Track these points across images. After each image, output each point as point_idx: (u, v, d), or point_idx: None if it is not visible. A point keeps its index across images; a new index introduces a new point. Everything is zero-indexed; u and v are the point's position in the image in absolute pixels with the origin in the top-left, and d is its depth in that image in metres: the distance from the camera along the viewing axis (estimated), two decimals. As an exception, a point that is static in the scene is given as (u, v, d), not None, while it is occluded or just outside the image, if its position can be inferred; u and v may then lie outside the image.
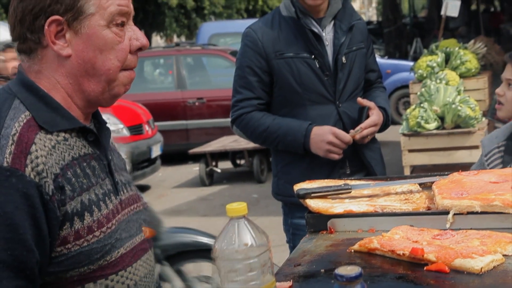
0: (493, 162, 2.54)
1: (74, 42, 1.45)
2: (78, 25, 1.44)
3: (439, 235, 1.54)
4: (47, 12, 1.43)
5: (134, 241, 1.56)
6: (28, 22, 1.44)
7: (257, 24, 2.85)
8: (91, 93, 1.49)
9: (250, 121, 2.80)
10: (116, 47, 1.47)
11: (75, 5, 1.43)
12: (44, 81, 1.48)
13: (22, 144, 1.36)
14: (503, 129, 2.63)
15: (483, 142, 2.64)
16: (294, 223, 2.77)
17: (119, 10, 1.47)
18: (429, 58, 5.65)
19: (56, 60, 1.46)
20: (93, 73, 1.47)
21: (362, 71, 2.92)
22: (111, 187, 1.53)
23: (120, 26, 1.48)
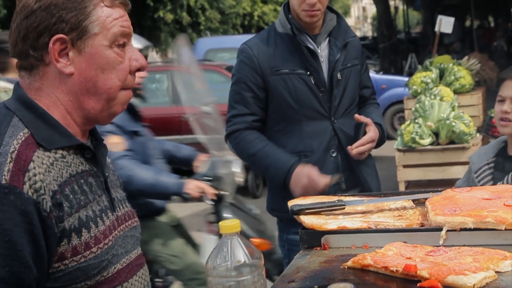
0: (483, 179, 2.56)
1: (77, 61, 1.47)
2: (82, 44, 1.47)
3: (432, 251, 1.54)
4: (52, 30, 1.45)
5: (130, 257, 1.58)
6: (31, 39, 1.45)
7: (253, 41, 2.88)
8: (90, 111, 1.51)
9: (241, 141, 2.82)
10: (117, 67, 1.50)
11: (80, 25, 1.46)
12: (44, 98, 1.49)
13: (21, 161, 1.38)
14: (491, 146, 2.65)
15: (472, 159, 2.66)
16: (290, 238, 2.78)
17: (121, 31, 1.50)
18: (423, 74, 5.68)
19: (58, 77, 1.48)
20: (94, 91, 1.49)
21: (357, 88, 2.94)
22: (107, 203, 1.55)
23: (122, 47, 1.51)
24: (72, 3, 1.45)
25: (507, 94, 2.52)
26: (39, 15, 1.44)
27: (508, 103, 2.51)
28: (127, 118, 3.49)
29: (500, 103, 2.54)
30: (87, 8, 1.46)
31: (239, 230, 1.17)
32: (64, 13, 1.44)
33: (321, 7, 2.75)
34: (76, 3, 1.45)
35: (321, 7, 2.76)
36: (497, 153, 2.59)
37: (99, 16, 1.47)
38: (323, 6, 2.77)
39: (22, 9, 1.47)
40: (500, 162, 2.57)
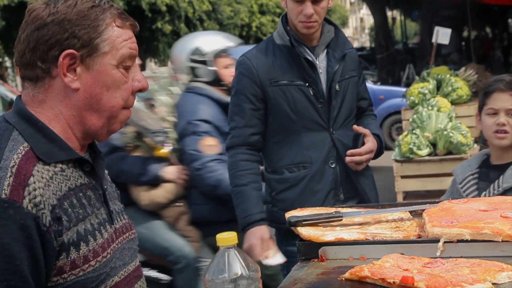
0: (468, 189, 2.58)
1: (84, 77, 1.49)
2: (91, 61, 1.48)
3: (429, 263, 1.55)
4: (63, 44, 1.46)
5: (128, 269, 1.59)
6: (41, 51, 1.46)
7: (252, 52, 2.89)
8: (91, 127, 1.52)
9: (233, 164, 2.86)
10: (122, 86, 1.52)
11: (91, 42, 1.48)
12: (46, 111, 1.50)
13: (20, 176, 1.38)
14: (474, 158, 2.68)
15: (455, 171, 2.68)
16: (288, 250, 2.78)
17: (129, 53, 1.52)
18: (420, 85, 5.70)
19: (63, 91, 1.49)
20: (97, 108, 1.51)
21: (355, 99, 2.95)
22: (106, 216, 1.56)
23: (128, 68, 1.54)
24: (85, 20, 1.47)
25: (500, 106, 2.52)
26: (51, 28, 1.46)
27: (503, 115, 2.52)
28: (224, 119, 3.47)
29: (492, 115, 2.54)
30: (100, 26, 1.49)
31: (236, 242, 1.18)
32: (77, 29, 1.46)
33: (318, 18, 2.77)
34: (90, 21, 1.48)
35: (318, 19, 2.77)
36: (481, 164, 2.62)
37: (110, 36, 1.50)
38: (320, 17, 2.78)
39: (34, 20, 1.48)
40: (484, 172, 2.59)
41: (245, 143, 2.85)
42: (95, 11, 1.49)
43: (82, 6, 1.48)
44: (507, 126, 2.51)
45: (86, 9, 1.48)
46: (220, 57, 3.64)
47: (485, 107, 2.57)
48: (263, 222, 2.78)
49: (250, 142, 2.86)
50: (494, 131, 2.53)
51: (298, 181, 2.82)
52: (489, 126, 2.55)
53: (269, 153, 2.91)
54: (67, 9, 1.47)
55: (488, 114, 2.56)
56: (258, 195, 2.83)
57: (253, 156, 2.88)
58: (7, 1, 16.05)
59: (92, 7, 1.49)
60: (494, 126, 2.53)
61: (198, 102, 3.56)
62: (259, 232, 2.75)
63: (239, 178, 2.83)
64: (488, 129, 2.56)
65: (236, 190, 2.84)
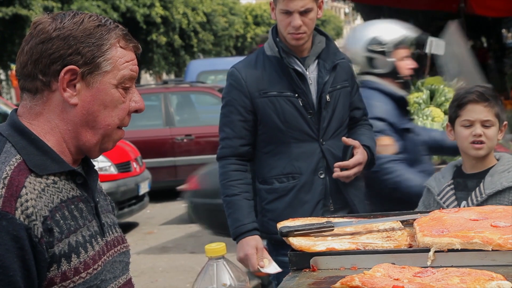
0: (448, 200, 2.61)
1: (83, 93, 1.50)
2: (92, 79, 1.50)
3: (419, 272, 1.55)
4: (66, 60, 1.48)
5: (118, 282, 1.59)
6: (43, 64, 1.48)
7: (241, 64, 2.90)
8: (85, 143, 1.54)
9: (224, 174, 2.86)
10: (119, 106, 1.54)
11: (94, 61, 1.50)
12: (42, 123, 1.51)
13: (13, 187, 1.39)
14: (445, 170, 2.71)
15: (430, 184, 2.70)
16: (279, 260, 2.77)
17: (130, 75, 1.55)
18: (415, 95, 5.70)
19: (61, 105, 1.51)
20: (93, 125, 1.52)
21: (346, 109, 2.95)
22: (97, 228, 1.57)
23: (126, 89, 1.56)
24: (90, 38, 1.49)
25: (475, 117, 2.55)
26: (56, 43, 1.47)
27: (479, 126, 2.55)
28: (398, 114, 3.33)
29: (468, 128, 2.56)
30: (104, 46, 1.51)
31: (225, 253, 1.18)
32: (81, 46, 1.48)
33: (306, 29, 2.78)
34: (95, 39, 1.50)
35: (307, 30, 2.78)
36: (454, 175, 2.66)
37: (113, 56, 1.51)
38: (309, 28, 2.79)
39: (39, 33, 1.49)
40: (461, 182, 2.62)
41: (235, 153, 2.86)
42: (101, 30, 1.51)
43: (88, 24, 1.51)
44: (483, 136, 2.54)
45: (92, 28, 1.50)
46: (399, 48, 3.41)
47: (459, 118, 2.59)
48: (256, 232, 2.79)
49: (240, 152, 2.86)
50: (471, 142, 2.56)
51: (287, 191, 2.83)
52: (465, 137, 2.57)
53: (259, 164, 2.91)
54: (73, 25, 1.49)
55: (463, 126, 2.58)
56: (250, 204, 2.83)
57: (244, 166, 2.88)
58: (1, 14, 16.06)
59: (98, 26, 1.51)
60: (471, 137, 2.55)
61: (370, 98, 3.29)
62: (254, 242, 2.75)
63: (231, 188, 2.83)
64: (464, 140, 2.58)
65: (228, 200, 2.84)
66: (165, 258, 7.16)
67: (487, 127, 2.55)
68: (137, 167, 8.73)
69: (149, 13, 21.48)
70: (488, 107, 2.54)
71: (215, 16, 25.46)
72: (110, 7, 20.31)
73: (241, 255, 2.76)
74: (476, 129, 2.54)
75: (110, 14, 20.16)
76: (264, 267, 2.72)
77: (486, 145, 2.55)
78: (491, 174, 2.55)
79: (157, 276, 6.48)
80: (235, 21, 28.33)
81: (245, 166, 2.89)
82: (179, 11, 22.92)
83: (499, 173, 2.54)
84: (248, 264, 2.75)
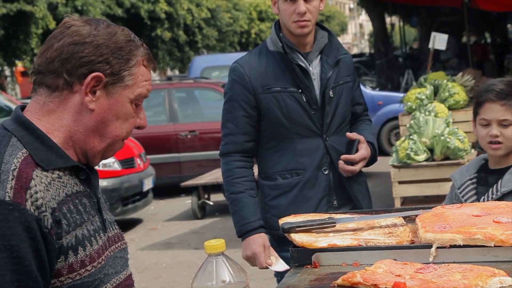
0: (467, 194, 2.57)
1: (101, 101, 1.56)
2: (113, 89, 1.56)
3: (421, 268, 1.54)
4: (94, 66, 1.53)
5: (119, 277, 1.63)
6: (71, 65, 1.52)
7: (244, 59, 2.89)
8: (91, 148, 1.59)
9: (228, 171, 2.86)
10: (129, 119, 1.61)
11: (119, 73, 1.56)
12: (53, 120, 1.55)
13: (22, 179, 1.43)
14: (472, 163, 2.67)
15: (454, 177, 2.67)
16: (282, 256, 2.77)
17: (145, 94, 1.62)
18: (418, 91, 5.70)
19: (78, 107, 1.55)
20: (102, 133, 1.58)
21: (349, 105, 2.95)
22: (100, 224, 1.60)
23: (138, 105, 1.63)
24: (121, 51, 1.56)
25: (492, 117, 2.50)
26: (88, 48, 1.53)
27: (495, 126, 2.50)
28: None
29: (485, 127, 2.52)
30: (131, 61, 1.57)
31: (224, 250, 1.18)
32: (112, 57, 1.54)
33: (311, 17, 2.76)
34: (124, 53, 1.56)
35: (311, 18, 2.77)
36: (479, 169, 2.61)
37: (136, 72, 1.59)
38: (313, 17, 2.78)
39: (72, 33, 1.54)
40: (483, 177, 2.58)
41: (239, 150, 2.85)
42: (130, 45, 1.58)
43: (121, 37, 1.57)
44: (500, 137, 2.49)
45: (123, 41, 1.57)
46: None
47: (478, 117, 2.56)
48: (262, 230, 2.78)
49: (244, 149, 2.86)
50: (488, 142, 2.52)
51: (291, 187, 2.82)
52: (483, 137, 2.53)
53: (262, 160, 2.91)
54: (107, 35, 1.55)
55: (481, 125, 2.54)
56: (255, 202, 2.82)
57: (248, 163, 2.87)
58: (6, 10, 16.07)
59: (128, 41, 1.58)
60: (488, 137, 2.51)
61: None
62: (261, 240, 2.75)
63: (236, 186, 2.83)
64: (482, 139, 2.55)
65: (233, 198, 2.83)
66: (169, 254, 7.17)
67: (505, 126, 2.49)
68: (141, 163, 8.74)
69: (154, 9, 21.47)
70: (506, 106, 2.47)
71: (219, 12, 25.42)
72: (114, 3, 20.30)
73: (248, 253, 2.76)
74: (493, 129, 2.49)
75: (115, 10, 20.16)
76: (272, 265, 2.72)
77: (504, 145, 2.50)
78: (511, 171, 2.49)
79: (161, 272, 6.49)
80: (240, 17, 28.28)
81: (249, 162, 2.88)
82: (183, 7, 22.90)
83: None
84: (255, 262, 2.74)
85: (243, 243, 2.79)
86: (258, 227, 2.77)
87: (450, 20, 24.38)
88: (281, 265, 2.72)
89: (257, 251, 2.72)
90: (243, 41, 30.17)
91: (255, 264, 2.76)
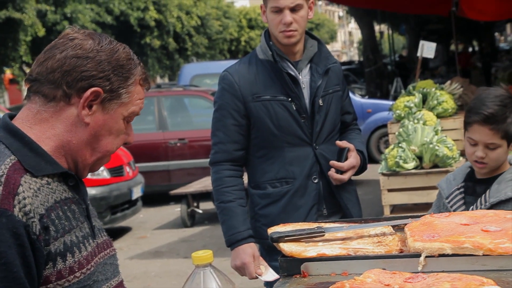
0: (455, 204, 2.57)
1: (97, 115, 1.58)
2: (109, 105, 1.58)
3: (410, 278, 1.54)
4: (95, 81, 1.55)
5: (110, 284, 1.63)
6: (72, 77, 1.54)
7: (234, 67, 2.89)
8: (82, 162, 1.60)
9: (218, 180, 2.85)
10: (120, 136, 1.64)
11: (118, 90, 1.58)
12: (44, 129, 1.55)
13: (10, 185, 1.43)
14: (458, 172, 2.66)
15: (441, 186, 2.67)
16: (271, 265, 2.77)
17: (137, 112, 1.65)
18: (406, 99, 5.71)
19: (73, 120, 1.56)
20: (94, 147, 1.60)
21: (338, 114, 2.95)
22: (89, 230, 1.61)
23: (128, 122, 1.66)
24: (121, 69, 1.58)
25: (479, 139, 2.48)
26: (91, 63, 1.54)
27: (482, 148, 2.48)
28: None
29: (472, 146, 2.51)
30: (130, 79, 1.60)
31: (212, 261, 1.17)
32: (112, 74, 1.56)
33: (297, 27, 2.77)
34: (124, 71, 1.59)
35: (298, 27, 2.77)
36: (466, 178, 2.61)
37: (133, 91, 1.62)
38: (300, 27, 2.78)
39: (76, 47, 1.56)
40: (470, 186, 2.58)
41: (229, 158, 2.85)
42: (130, 63, 1.61)
43: (122, 55, 1.60)
44: (486, 158, 2.48)
45: (125, 59, 1.60)
46: None
47: (467, 133, 2.53)
48: (251, 239, 2.77)
49: (234, 157, 2.85)
50: (474, 161, 2.51)
51: (281, 196, 2.82)
52: (469, 154, 2.52)
53: (252, 168, 2.91)
54: (110, 52, 1.58)
55: (470, 144, 2.51)
56: (244, 211, 2.82)
57: (238, 172, 2.87)
58: (-5, 17, 16.01)
59: (129, 59, 1.61)
60: (474, 156, 2.50)
61: None
62: (250, 250, 2.74)
63: (225, 195, 2.82)
64: (469, 156, 2.54)
65: (222, 207, 2.82)
66: (158, 263, 7.14)
67: (492, 149, 2.47)
68: (130, 172, 8.71)
69: (143, 16, 21.45)
70: (494, 130, 2.43)
71: (209, 19, 25.44)
72: (104, 11, 20.27)
73: (237, 263, 2.75)
74: (479, 151, 2.48)
75: (104, 17, 20.12)
76: (262, 275, 2.71)
77: (488, 165, 2.49)
78: (498, 181, 2.49)
79: (149, 281, 6.46)
80: (229, 24, 28.33)
81: (239, 171, 2.88)
82: (173, 14, 22.90)
83: (506, 181, 2.47)
84: (245, 272, 2.73)
85: (232, 253, 2.78)
86: (247, 237, 2.76)
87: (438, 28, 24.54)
88: (271, 274, 2.71)
89: (247, 261, 2.72)
90: (232, 48, 30.20)
91: (245, 274, 2.75)
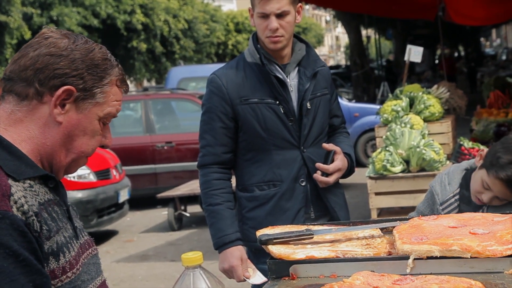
0: (451, 212, 2.55)
1: (70, 115, 1.56)
2: (83, 105, 1.57)
3: (399, 280, 1.55)
4: (67, 79, 1.53)
5: (95, 283, 1.63)
6: (44, 75, 1.52)
7: (222, 70, 2.89)
8: (57, 163, 1.59)
9: (206, 183, 2.84)
10: (95, 136, 1.62)
11: (91, 89, 1.57)
12: (20, 131, 1.54)
13: (2, 187, 1.42)
14: (453, 175, 2.66)
15: (434, 189, 2.66)
16: (259, 268, 2.76)
17: (114, 113, 1.63)
18: (393, 103, 5.73)
19: (45, 119, 1.55)
20: (68, 147, 1.58)
21: (326, 117, 2.95)
22: (72, 231, 1.60)
23: (105, 124, 1.64)
24: (96, 68, 1.57)
25: (493, 189, 2.43)
26: (64, 60, 1.53)
27: (489, 195, 2.46)
28: None
29: (484, 189, 2.47)
30: (105, 79, 1.58)
31: (202, 262, 1.16)
32: (86, 73, 1.55)
33: (284, 33, 2.77)
34: (99, 71, 1.58)
35: (284, 33, 2.77)
36: (461, 183, 2.61)
37: (108, 91, 1.60)
38: (287, 32, 2.78)
39: (50, 45, 1.54)
40: (466, 195, 2.58)
41: (217, 161, 2.84)
42: (106, 63, 1.60)
43: (98, 54, 1.58)
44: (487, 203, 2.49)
45: (100, 59, 1.58)
46: None
47: (484, 178, 2.46)
48: (239, 242, 2.76)
49: (222, 160, 2.85)
50: (475, 197, 2.50)
51: (268, 199, 2.82)
52: (475, 192, 2.50)
53: (239, 171, 2.90)
54: (85, 51, 1.56)
55: (484, 188, 2.47)
56: (232, 214, 2.81)
57: (226, 175, 2.87)
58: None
59: (105, 59, 1.59)
60: (477, 194, 2.49)
61: None
62: (238, 252, 2.73)
63: (213, 198, 2.81)
64: (473, 193, 2.52)
65: (210, 209, 2.81)
66: (145, 266, 7.11)
67: (498, 199, 2.46)
68: (117, 175, 8.67)
69: (130, 20, 21.39)
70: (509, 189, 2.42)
71: (196, 23, 25.43)
72: (90, 14, 20.19)
73: (225, 266, 2.74)
74: (484, 195, 2.46)
75: (91, 20, 20.04)
76: (249, 277, 2.70)
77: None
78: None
79: (136, 285, 6.43)
80: (217, 28, 28.33)
81: (227, 174, 2.87)
82: (160, 18, 22.86)
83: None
84: (233, 275, 2.73)
85: (220, 256, 2.78)
86: (235, 240, 2.76)
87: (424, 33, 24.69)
88: (259, 277, 2.71)
89: (235, 264, 2.71)
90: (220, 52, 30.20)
91: (232, 277, 2.74)
